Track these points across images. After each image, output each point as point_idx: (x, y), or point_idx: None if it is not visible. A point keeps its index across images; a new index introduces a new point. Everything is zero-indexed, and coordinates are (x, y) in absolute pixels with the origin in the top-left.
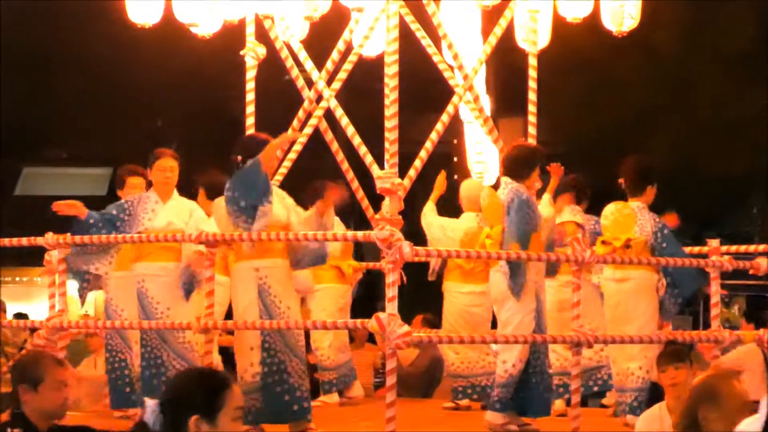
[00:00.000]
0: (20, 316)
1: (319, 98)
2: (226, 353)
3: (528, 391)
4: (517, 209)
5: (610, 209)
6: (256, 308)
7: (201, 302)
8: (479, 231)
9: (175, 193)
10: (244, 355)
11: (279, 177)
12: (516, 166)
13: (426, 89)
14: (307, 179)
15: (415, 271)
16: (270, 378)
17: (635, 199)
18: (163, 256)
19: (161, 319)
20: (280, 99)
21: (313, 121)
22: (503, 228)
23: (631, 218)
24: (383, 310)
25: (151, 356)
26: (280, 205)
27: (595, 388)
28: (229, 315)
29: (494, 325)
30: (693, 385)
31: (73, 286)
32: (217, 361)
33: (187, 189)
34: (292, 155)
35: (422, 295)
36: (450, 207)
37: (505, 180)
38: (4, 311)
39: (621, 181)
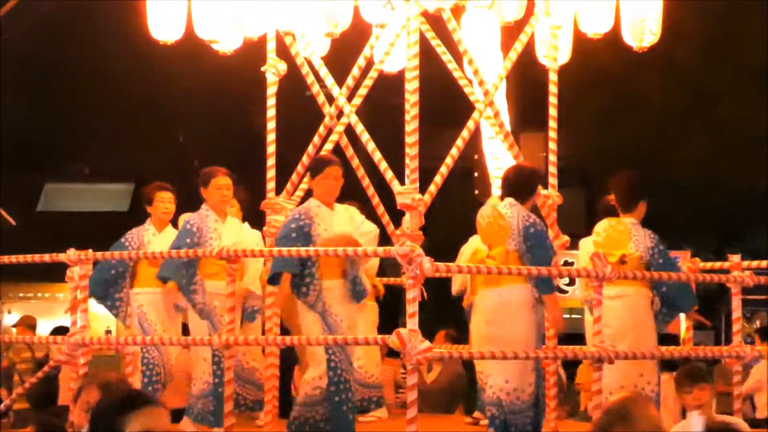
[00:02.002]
0: (59, 330)
1: (340, 114)
2: None
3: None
4: (542, 241)
5: (603, 226)
6: (319, 327)
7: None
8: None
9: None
10: (314, 367)
11: (300, 193)
12: (520, 187)
13: (446, 105)
14: None
15: (436, 286)
16: (337, 396)
17: (627, 215)
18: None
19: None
20: (301, 115)
21: (333, 137)
22: (507, 249)
23: (625, 234)
24: (404, 325)
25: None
26: (349, 224)
27: None
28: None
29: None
30: (607, 404)
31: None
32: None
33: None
34: None
35: (444, 310)
36: (470, 226)
37: (511, 201)
38: (34, 327)
39: (611, 197)
